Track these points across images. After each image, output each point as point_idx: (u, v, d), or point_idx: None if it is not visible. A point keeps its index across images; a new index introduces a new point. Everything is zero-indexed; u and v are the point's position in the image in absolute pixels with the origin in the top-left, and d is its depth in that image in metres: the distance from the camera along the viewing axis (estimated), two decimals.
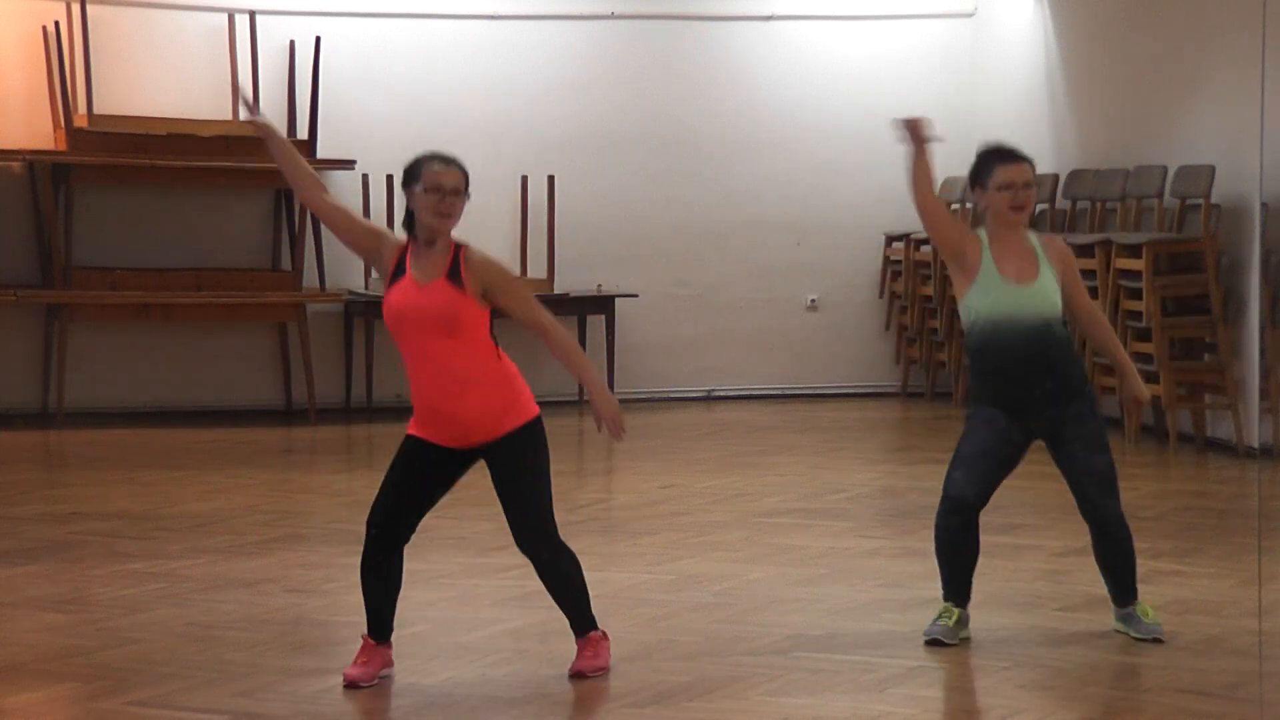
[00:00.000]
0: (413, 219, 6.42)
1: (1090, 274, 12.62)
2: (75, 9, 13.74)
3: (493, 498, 6.48)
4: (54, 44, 13.57)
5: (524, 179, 14.70)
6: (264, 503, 10.39)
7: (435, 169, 6.39)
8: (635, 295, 14.97)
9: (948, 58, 15.64)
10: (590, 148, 15.10)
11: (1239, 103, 11.98)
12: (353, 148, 14.18)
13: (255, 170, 13.61)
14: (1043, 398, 6.95)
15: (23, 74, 13.78)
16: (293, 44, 14.27)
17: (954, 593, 7.08)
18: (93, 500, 10.48)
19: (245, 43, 14.21)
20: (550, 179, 14.73)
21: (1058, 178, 13.96)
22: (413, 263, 6.38)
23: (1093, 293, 12.55)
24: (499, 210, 14.51)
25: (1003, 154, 7.02)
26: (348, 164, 14.07)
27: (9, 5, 13.79)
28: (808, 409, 14.95)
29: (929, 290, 14.90)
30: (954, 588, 7.08)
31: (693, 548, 9.00)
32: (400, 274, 6.39)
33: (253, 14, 14.24)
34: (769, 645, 6.99)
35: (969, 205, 7.31)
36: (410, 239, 6.42)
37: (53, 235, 13.49)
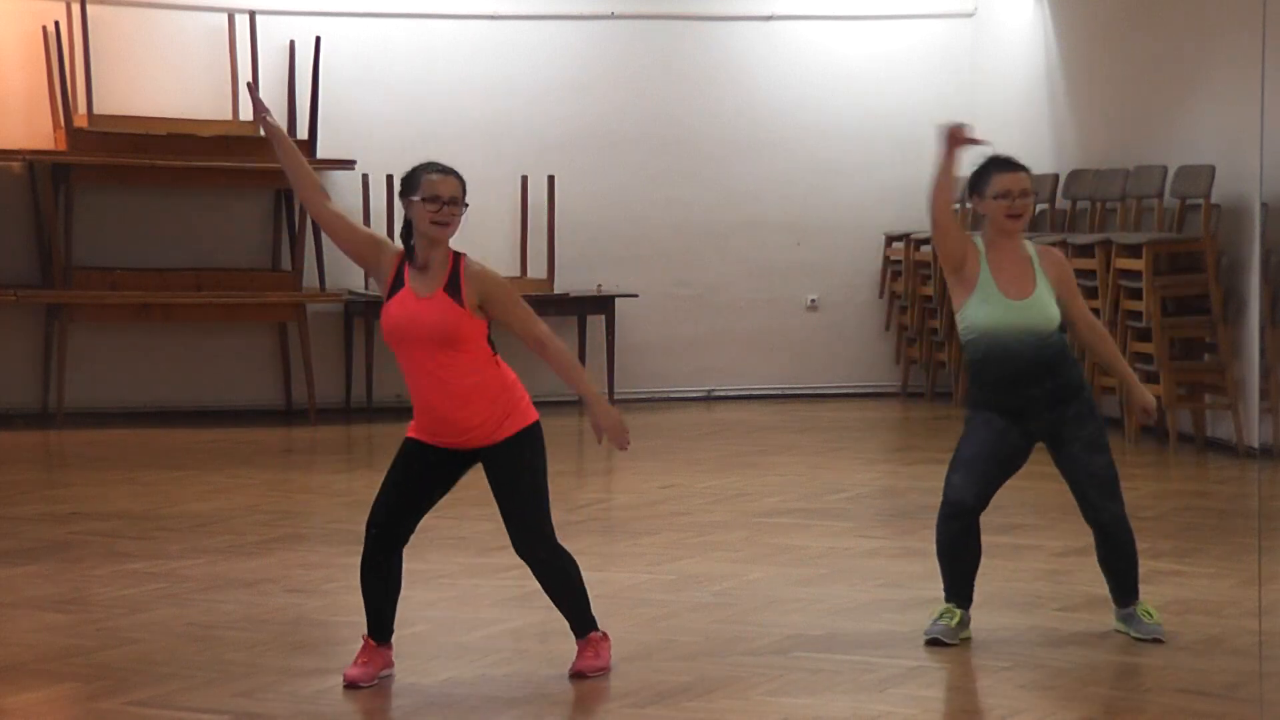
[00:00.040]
0: (410, 229, 6.42)
1: (1090, 274, 12.62)
2: (75, 9, 13.74)
3: (493, 498, 6.48)
4: (54, 44, 13.57)
5: (524, 179, 14.71)
6: (264, 503, 10.39)
7: (433, 178, 6.38)
8: (635, 295, 14.97)
9: (948, 58, 15.63)
10: (590, 148, 15.09)
11: (1239, 103, 11.97)
12: (353, 148, 14.18)
13: (255, 170, 13.62)
14: (1043, 399, 6.97)
15: (23, 74, 13.78)
16: (293, 44, 14.27)
17: (955, 595, 7.10)
18: (93, 500, 10.48)
19: (245, 43, 14.20)
20: (550, 179, 14.74)
21: (1058, 178, 13.96)
22: (411, 274, 6.37)
23: (1093, 293, 12.56)
24: (499, 210, 14.52)
25: (1000, 162, 7.05)
26: (348, 164, 14.07)
27: (9, 5, 13.79)
28: (808, 409, 14.94)
29: (929, 290, 14.89)
30: (955, 590, 7.09)
31: (693, 548, 9.00)
32: (399, 285, 6.38)
33: (253, 14, 14.24)
34: (769, 645, 6.99)
35: (968, 205, 7.30)
36: (408, 248, 6.41)
37: (53, 235, 13.49)
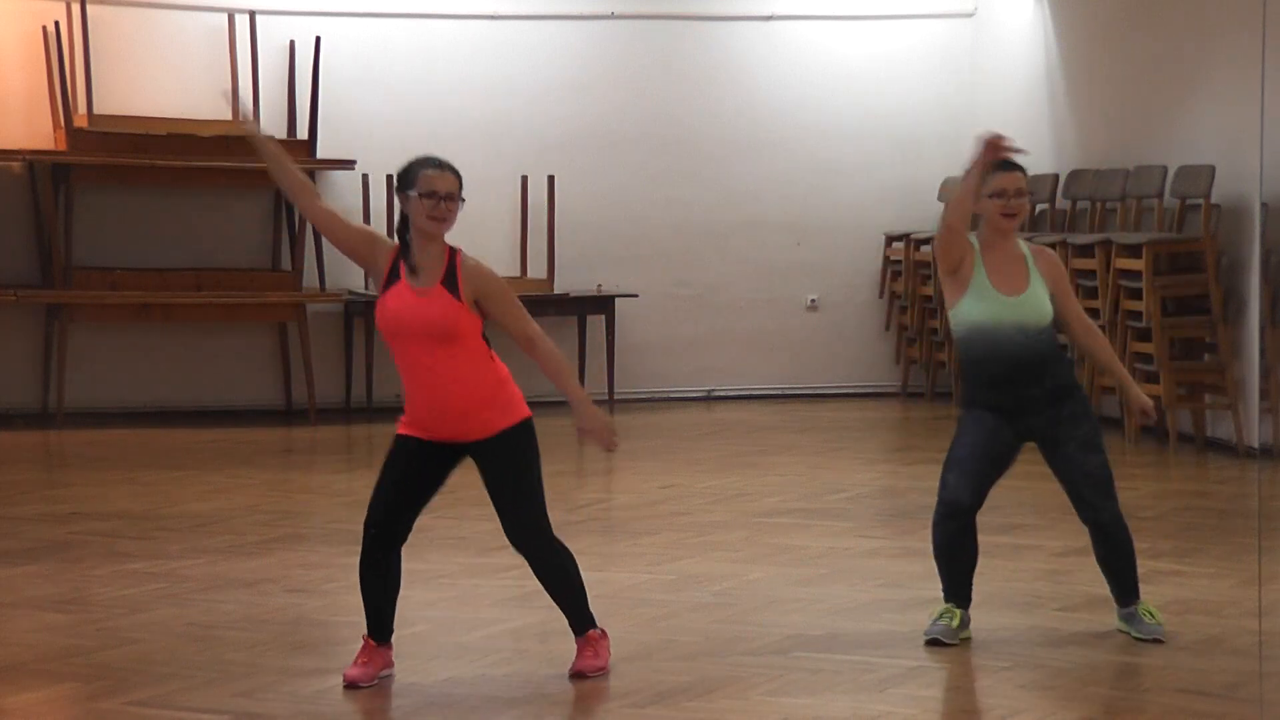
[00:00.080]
0: (406, 223, 6.42)
1: (1090, 274, 12.63)
2: (75, 9, 13.73)
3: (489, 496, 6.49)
4: (54, 44, 13.57)
5: (524, 179, 14.71)
6: (264, 503, 10.39)
7: (430, 173, 6.37)
8: (635, 295, 14.97)
9: (948, 58, 15.63)
10: (590, 148, 15.09)
11: (1239, 103, 11.97)
12: (353, 148, 14.18)
13: (255, 170, 13.54)
14: (1040, 397, 6.97)
15: (23, 74, 13.78)
16: (293, 44, 14.27)
17: (954, 595, 7.09)
18: (93, 500, 10.48)
19: (245, 43, 14.20)
20: (550, 179, 14.73)
21: (1058, 178, 13.95)
22: (407, 268, 6.37)
23: (1092, 293, 12.56)
24: (499, 210, 14.52)
25: (995, 162, 7.04)
26: (348, 164, 14.07)
27: (9, 5, 13.79)
28: (808, 409, 14.94)
29: (929, 290, 14.89)
30: (954, 590, 7.09)
31: (693, 548, 8.99)
32: (394, 279, 6.38)
33: (253, 14, 14.24)
34: (769, 645, 6.99)
35: None
36: (403, 243, 6.40)
37: (53, 235, 13.49)
